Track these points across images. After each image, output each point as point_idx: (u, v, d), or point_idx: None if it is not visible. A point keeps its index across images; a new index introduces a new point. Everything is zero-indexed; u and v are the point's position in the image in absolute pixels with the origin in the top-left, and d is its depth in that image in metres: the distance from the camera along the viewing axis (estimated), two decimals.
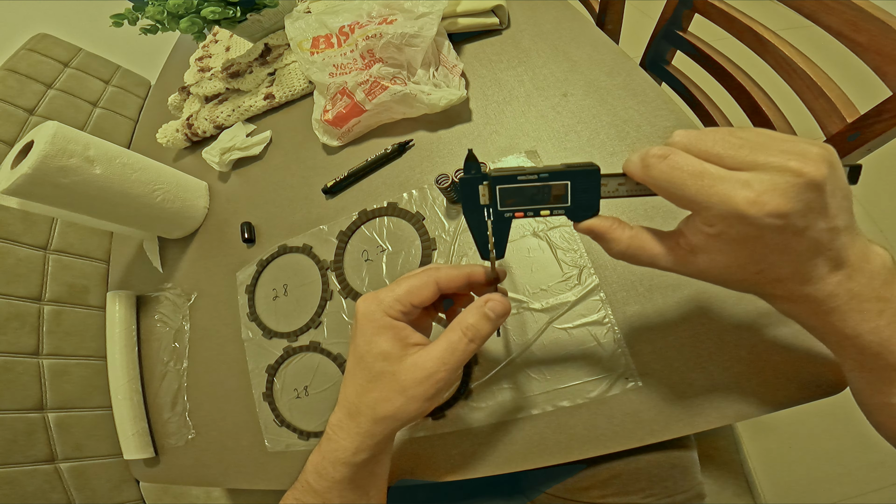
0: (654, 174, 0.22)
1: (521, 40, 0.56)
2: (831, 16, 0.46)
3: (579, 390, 0.37)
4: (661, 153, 0.22)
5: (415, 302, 0.29)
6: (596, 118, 0.47)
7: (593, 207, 0.26)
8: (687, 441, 0.47)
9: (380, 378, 0.28)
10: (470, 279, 0.30)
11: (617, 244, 0.26)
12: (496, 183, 0.26)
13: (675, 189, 0.22)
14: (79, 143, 0.49)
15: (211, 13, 0.62)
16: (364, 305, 0.29)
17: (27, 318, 0.64)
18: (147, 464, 0.56)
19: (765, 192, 0.19)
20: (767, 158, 0.20)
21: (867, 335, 0.22)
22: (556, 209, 0.26)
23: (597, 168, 0.25)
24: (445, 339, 0.28)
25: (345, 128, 0.55)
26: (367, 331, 0.28)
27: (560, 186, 0.26)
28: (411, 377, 0.27)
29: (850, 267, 0.22)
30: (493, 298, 0.28)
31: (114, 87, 0.97)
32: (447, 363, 0.27)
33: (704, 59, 0.65)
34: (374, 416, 0.28)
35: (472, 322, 0.28)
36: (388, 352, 0.28)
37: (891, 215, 1.10)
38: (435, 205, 0.48)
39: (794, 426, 0.96)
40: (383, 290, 0.29)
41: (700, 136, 0.22)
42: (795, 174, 0.19)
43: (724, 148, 0.21)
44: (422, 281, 0.29)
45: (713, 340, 0.35)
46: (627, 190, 0.26)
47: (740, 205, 0.19)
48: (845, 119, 0.47)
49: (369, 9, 0.56)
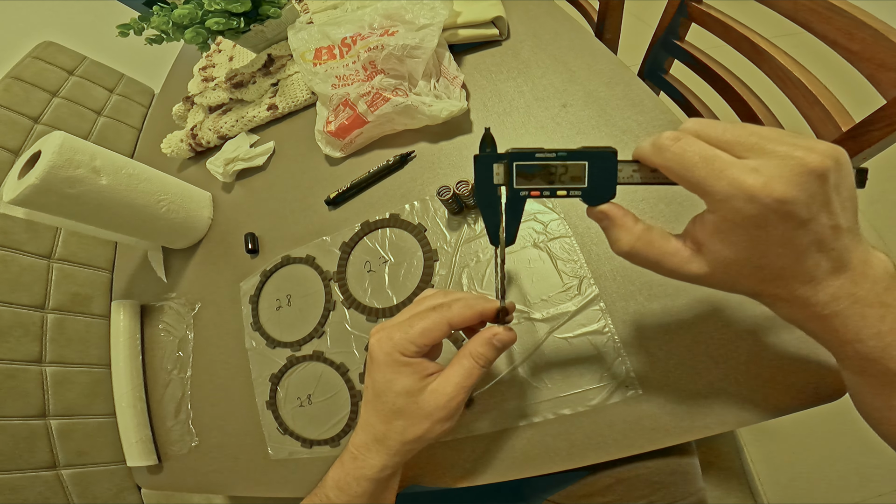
0: (667, 156, 0.23)
1: (520, 51, 0.57)
2: (825, 24, 0.46)
3: (580, 398, 0.37)
4: (674, 136, 0.22)
5: (428, 342, 0.30)
6: (595, 129, 0.48)
7: (610, 191, 0.26)
8: (688, 447, 0.47)
9: (402, 412, 0.30)
10: (481, 317, 0.31)
11: (627, 234, 0.25)
12: (514, 159, 0.26)
13: (685, 171, 0.22)
14: (86, 153, 0.49)
15: (215, 24, 0.63)
16: (378, 346, 0.30)
17: (30, 326, 0.64)
18: (150, 471, 0.56)
19: (772, 178, 0.20)
20: (775, 147, 0.20)
21: (869, 340, 0.22)
22: (573, 190, 0.26)
23: (614, 151, 0.25)
24: (460, 365, 0.30)
25: (347, 139, 0.56)
26: (384, 370, 0.30)
27: (577, 167, 0.25)
28: (434, 403, 0.30)
29: (853, 271, 0.22)
30: (499, 333, 0.30)
31: (118, 96, 0.98)
32: (464, 387, 0.30)
33: (702, 67, 0.65)
34: (402, 439, 0.30)
35: (483, 351, 0.30)
36: (409, 388, 0.30)
37: (890, 221, 1.10)
38: (437, 216, 0.49)
39: (797, 431, 0.96)
40: (395, 329, 0.30)
41: (711, 124, 0.22)
42: (801, 163, 0.20)
43: (734, 136, 0.21)
44: (434, 322, 0.30)
45: (712, 348, 0.35)
46: (642, 177, 0.26)
47: (748, 187, 0.20)
48: (840, 127, 0.48)
49: (371, 20, 0.57)
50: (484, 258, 0.45)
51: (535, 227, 0.44)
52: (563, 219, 0.44)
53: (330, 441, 0.45)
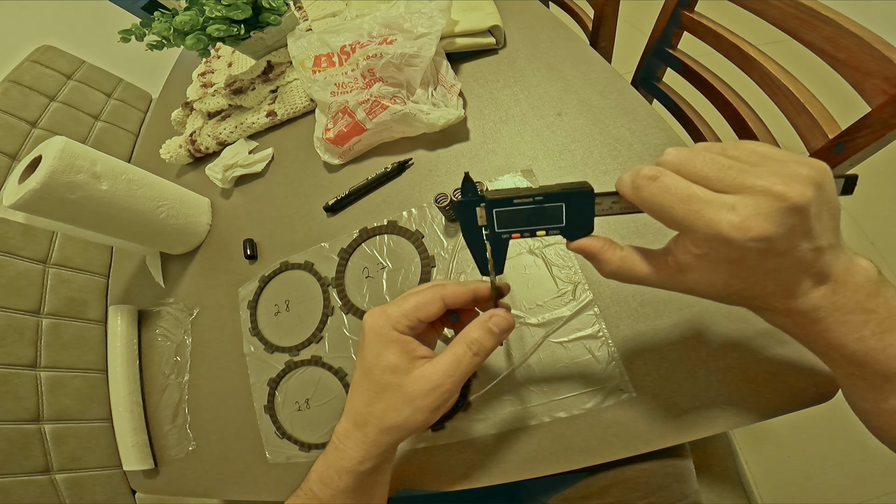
0: (644, 196, 0.23)
1: (516, 60, 0.58)
2: (812, 32, 0.47)
3: (575, 402, 0.38)
4: (651, 174, 0.22)
5: (421, 317, 0.30)
6: (589, 137, 0.49)
7: (587, 227, 0.27)
8: (682, 450, 0.47)
9: (387, 390, 0.29)
10: (475, 295, 0.31)
11: (608, 265, 0.26)
12: (492, 206, 0.27)
13: (663, 211, 0.22)
14: (86, 158, 0.49)
15: (216, 31, 0.63)
16: (371, 320, 0.30)
17: (25, 331, 0.64)
18: (146, 475, 0.56)
19: (749, 217, 0.20)
20: (754, 182, 0.20)
21: (852, 345, 0.23)
22: (552, 229, 0.27)
23: (591, 189, 0.26)
24: (451, 352, 0.29)
25: (346, 146, 0.56)
26: (374, 344, 0.29)
27: (555, 208, 0.26)
28: (418, 388, 0.28)
29: (834, 281, 0.22)
30: (496, 314, 0.29)
31: (116, 101, 0.98)
32: (453, 375, 0.28)
33: (693, 76, 0.67)
34: (381, 426, 0.29)
35: (477, 336, 0.29)
36: (396, 365, 0.29)
37: (880, 226, 1.12)
38: (434, 223, 0.50)
39: (791, 434, 0.96)
40: (390, 305, 0.30)
41: (690, 157, 0.22)
42: (780, 199, 0.19)
43: (713, 170, 0.21)
44: (428, 297, 0.30)
45: (704, 351, 0.36)
46: (621, 208, 0.26)
47: (725, 230, 0.20)
48: (827, 135, 0.49)
49: (370, 29, 0.58)
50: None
51: None
52: None
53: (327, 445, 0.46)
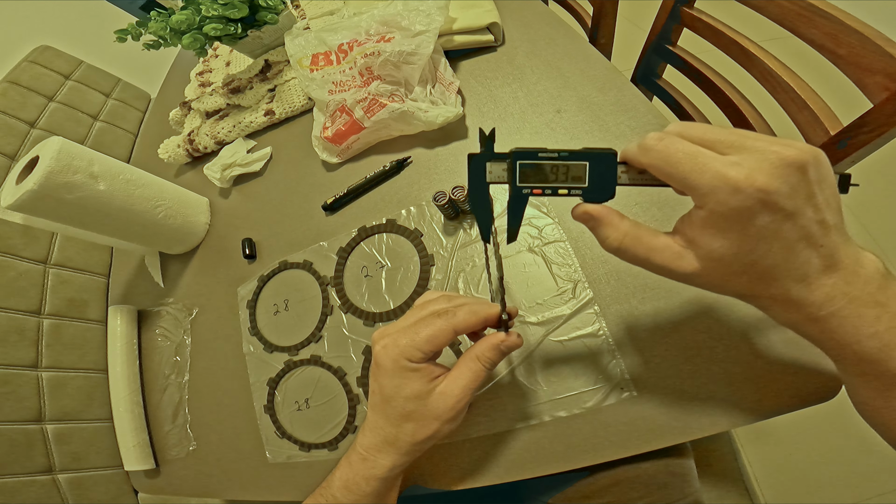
0: (652, 155, 0.24)
1: (515, 57, 0.58)
2: (812, 28, 0.47)
3: (576, 401, 0.38)
4: (659, 136, 0.24)
5: (434, 349, 0.31)
6: (589, 134, 0.48)
7: (609, 191, 0.26)
8: (683, 449, 0.47)
9: (412, 415, 0.31)
10: (485, 323, 0.32)
11: (615, 231, 0.26)
12: (517, 158, 0.26)
13: (671, 168, 0.23)
14: (83, 159, 0.49)
15: (213, 30, 0.63)
16: (384, 352, 0.31)
17: (26, 331, 0.64)
18: (147, 475, 0.56)
19: (754, 170, 0.21)
20: (754, 143, 0.21)
21: (866, 341, 0.22)
22: (574, 189, 0.27)
23: (614, 152, 0.26)
24: (467, 368, 0.31)
25: (344, 145, 0.56)
26: (393, 377, 0.31)
27: (579, 167, 0.26)
28: (443, 405, 0.31)
29: (845, 270, 0.22)
30: (508, 340, 0.31)
31: (114, 101, 0.98)
32: (471, 389, 0.31)
33: (693, 72, 0.66)
34: (412, 441, 0.31)
35: (490, 356, 0.31)
36: (418, 392, 0.31)
37: (882, 223, 1.12)
38: (433, 221, 0.49)
39: (793, 432, 0.96)
40: (401, 334, 0.31)
41: (693, 125, 0.24)
42: (779, 156, 0.21)
43: (715, 135, 0.23)
44: (440, 329, 0.30)
45: (705, 350, 0.36)
46: (630, 178, 0.26)
47: (732, 178, 0.21)
48: (829, 131, 0.49)
49: (367, 27, 0.58)
50: (480, 263, 0.46)
51: (530, 232, 0.45)
52: (557, 223, 0.45)
53: (328, 444, 0.45)
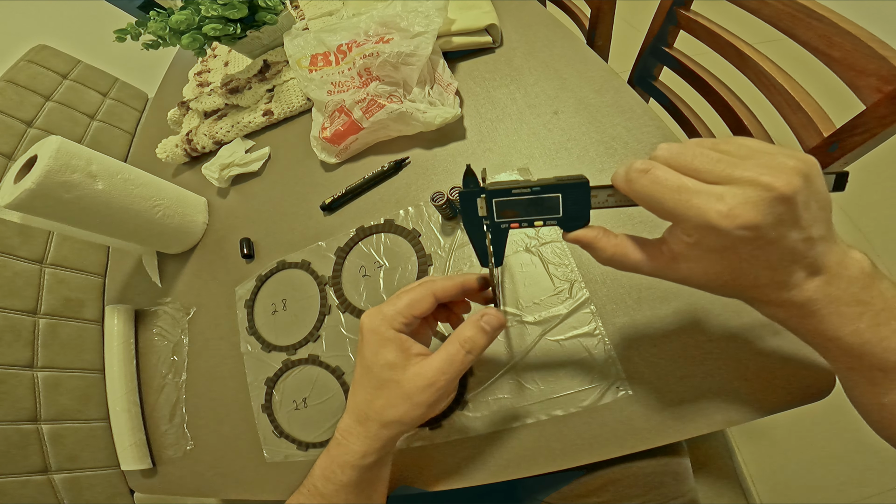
0: (637, 188, 0.24)
1: (513, 58, 0.58)
2: (806, 31, 0.47)
3: (572, 399, 0.38)
4: (644, 167, 0.23)
5: (415, 313, 0.31)
6: (585, 135, 0.49)
7: (583, 218, 0.28)
8: (679, 448, 0.47)
9: (385, 386, 0.30)
10: (464, 287, 0.32)
11: (603, 252, 0.27)
12: (492, 196, 0.28)
13: (655, 202, 0.23)
14: (82, 158, 0.49)
15: (212, 30, 0.63)
16: (369, 320, 0.31)
17: (22, 331, 0.64)
18: (144, 475, 0.56)
19: (737, 206, 0.20)
20: (742, 173, 0.21)
21: (848, 337, 0.23)
22: (549, 220, 0.28)
23: (586, 181, 0.27)
24: (445, 350, 0.30)
25: (342, 145, 0.56)
26: (372, 343, 0.31)
27: (552, 199, 0.27)
28: (414, 385, 0.30)
29: (829, 273, 0.23)
30: (487, 312, 0.31)
31: (111, 100, 0.98)
32: (446, 372, 0.30)
33: (689, 74, 0.67)
34: (381, 420, 0.31)
35: (470, 335, 0.30)
36: (394, 361, 0.30)
37: (875, 221, 1.12)
38: (431, 222, 0.50)
39: (789, 432, 0.96)
40: (385, 305, 0.31)
41: (681, 151, 0.23)
42: (766, 188, 0.20)
43: (703, 163, 0.22)
44: (420, 293, 0.31)
45: (700, 349, 0.36)
46: (616, 201, 0.27)
47: (713, 218, 0.21)
48: (822, 133, 0.49)
49: (366, 28, 0.58)
50: (477, 263, 0.46)
51: (527, 232, 0.45)
52: None
53: (325, 444, 0.45)
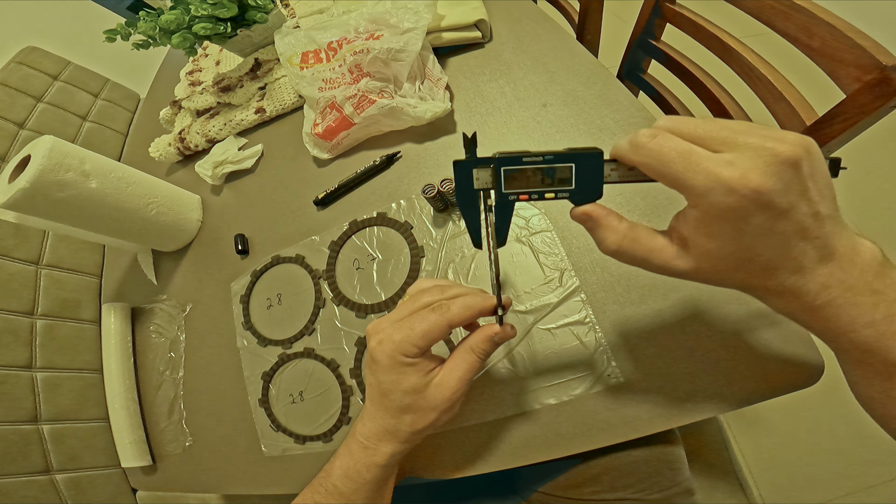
0: (644, 153, 0.23)
1: (502, 53, 0.59)
2: (786, 22, 0.48)
3: (565, 388, 0.39)
4: (650, 133, 0.23)
5: (429, 344, 0.31)
6: (574, 127, 0.49)
7: (597, 191, 0.26)
8: (673, 437, 0.47)
9: (410, 407, 0.31)
10: (480, 315, 0.32)
11: (613, 234, 0.25)
12: (501, 164, 0.25)
13: (663, 167, 0.22)
14: (75, 157, 0.50)
15: (202, 29, 0.63)
16: (380, 348, 0.31)
17: (20, 332, 0.64)
18: (144, 472, 0.56)
19: (748, 170, 0.20)
20: (746, 139, 0.21)
21: (863, 329, 0.22)
22: (561, 192, 0.26)
23: (600, 152, 0.25)
24: (462, 359, 0.32)
25: (334, 141, 0.57)
26: (389, 371, 0.31)
27: (564, 169, 0.25)
28: (440, 396, 0.31)
29: (841, 258, 0.22)
30: (503, 331, 0.31)
31: (103, 101, 0.97)
32: (466, 380, 0.32)
33: (676, 67, 0.68)
34: (412, 430, 0.32)
35: (484, 347, 0.32)
36: (415, 386, 0.31)
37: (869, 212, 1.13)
38: (422, 214, 0.50)
39: (785, 422, 0.96)
40: (396, 330, 0.30)
41: (683, 120, 0.23)
42: (773, 153, 0.20)
43: (706, 131, 0.22)
44: (434, 324, 0.30)
45: (690, 337, 0.37)
46: (619, 175, 0.26)
47: (725, 179, 0.20)
48: (804, 122, 0.50)
49: (356, 25, 0.58)
50: (469, 253, 0.47)
51: (517, 223, 0.46)
52: (543, 214, 0.46)
53: (323, 436, 0.46)
